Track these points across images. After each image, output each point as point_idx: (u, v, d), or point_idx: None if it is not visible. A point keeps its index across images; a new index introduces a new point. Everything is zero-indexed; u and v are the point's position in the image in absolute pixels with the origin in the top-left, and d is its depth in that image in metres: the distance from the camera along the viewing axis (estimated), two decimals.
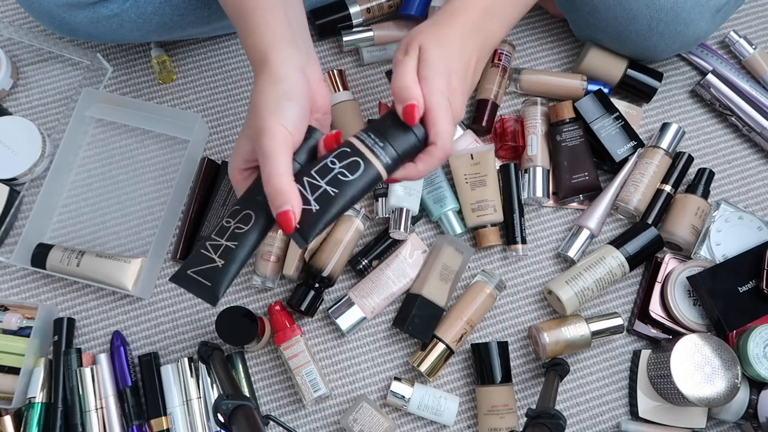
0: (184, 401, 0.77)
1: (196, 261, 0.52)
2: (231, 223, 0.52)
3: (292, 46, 0.56)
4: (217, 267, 0.51)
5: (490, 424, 0.76)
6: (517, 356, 0.82)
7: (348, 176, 0.52)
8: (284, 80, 0.54)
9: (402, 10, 0.88)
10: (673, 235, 0.82)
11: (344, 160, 0.52)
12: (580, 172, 0.83)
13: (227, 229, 0.52)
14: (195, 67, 0.91)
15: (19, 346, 0.77)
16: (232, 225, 0.52)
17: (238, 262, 0.51)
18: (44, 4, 0.74)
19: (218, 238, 0.52)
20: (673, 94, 0.91)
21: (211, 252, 0.51)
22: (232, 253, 0.51)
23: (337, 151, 0.53)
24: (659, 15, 0.77)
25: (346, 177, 0.52)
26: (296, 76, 0.55)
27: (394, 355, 0.82)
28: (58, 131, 0.87)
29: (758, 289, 0.77)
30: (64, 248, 0.81)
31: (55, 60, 0.91)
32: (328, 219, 0.52)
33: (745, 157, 0.89)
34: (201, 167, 0.85)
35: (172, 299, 0.83)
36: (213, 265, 0.51)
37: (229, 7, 0.61)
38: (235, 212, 0.53)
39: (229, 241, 0.51)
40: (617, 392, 0.81)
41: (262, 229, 0.52)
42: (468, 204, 0.83)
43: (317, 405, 0.80)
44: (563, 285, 0.78)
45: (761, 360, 0.74)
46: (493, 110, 0.86)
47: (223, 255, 0.51)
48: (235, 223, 0.52)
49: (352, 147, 0.53)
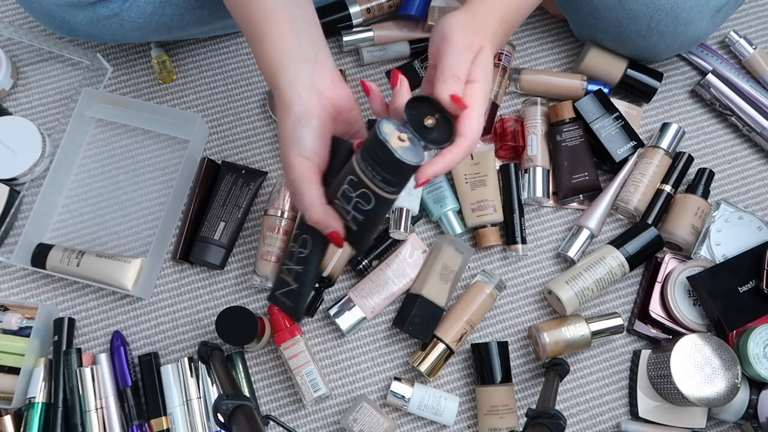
0: (184, 401, 0.77)
1: (279, 285, 0.60)
2: (295, 247, 0.58)
3: (299, 61, 0.56)
4: (293, 289, 0.58)
5: (490, 424, 0.76)
6: (517, 356, 0.82)
7: (366, 206, 0.53)
8: (295, 105, 0.55)
9: (402, 10, 0.88)
10: (673, 235, 0.82)
11: (357, 190, 0.53)
12: (580, 172, 0.83)
13: (293, 254, 0.58)
14: (195, 67, 0.91)
15: (19, 346, 0.77)
16: (296, 250, 0.58)
17: (308, 282, 0.58)
18: (44, 4, 0.74)
19: (289, 262, 0.59)
20: (673, 94, 0.91)
21: (287, 275, 0.59)
22: (301, 276, 0.58)
23: (348, 178, 0.53)
24: (659, 15, 0.77)
25: (364, 206, 0.53)
26: (306, 95, 0.55)
27: (394, 355, 0.82)
28: (58, 131, 0.87)
29: (758, 289, 0.77)
30: (64, 248, 0.81)
31: (55, 60, 0.91)
32: (370, 236, 0.56)
33: (745, 157, 0.89)
34: (201, 167, 0.85)
35: (172, 299, 0.83)
36: (290, 287, 0.58)
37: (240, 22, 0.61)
38: (296, 236, 0.58)
39: (297, 266, 0.58)
40: (617, 392, 0.81)
41: (320, 249, 0.57)
42: (468, 204, 0.83)
43: (317, 405, 0.80)
44: (563, 285, 0.78)
45: (761, 360, 0.74)
46: (493, 110, 0.86)
47: (295, 278, 0.58)
48: (298, 248, 0.58)
49: (358, 177, 0.52)
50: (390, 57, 0.90)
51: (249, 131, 0.89)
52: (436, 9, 0.87)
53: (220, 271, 0.84)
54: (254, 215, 0.85)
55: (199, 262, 0.82)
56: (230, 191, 0.83)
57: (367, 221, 0.54)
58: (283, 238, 0.80)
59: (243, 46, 0.92)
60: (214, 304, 0.83)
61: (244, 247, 0.84)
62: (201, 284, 0.84)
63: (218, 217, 0.82)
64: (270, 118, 0.89)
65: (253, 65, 0.91)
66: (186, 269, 0.84)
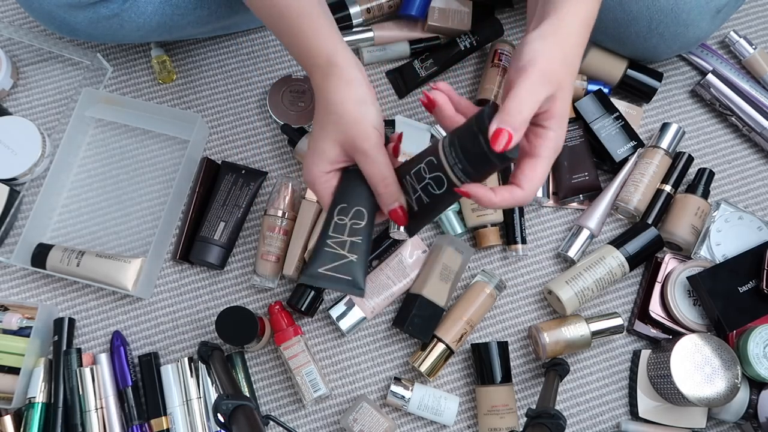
0: (184, 401, 0.77)
1: (325, 259, 0.54)
2: (345, 219, 0.55)
3: (348, 49, 0.58)
4: (352, 261, 0.54)
5: (490, 424, 0.76)
6: (517, 356, 0.82)
7: (435, 190, 0.53)
8: (355, 82, 0.56)
9: (402, 10, 0.88)
10: (673, 235, 0.82)
11: (432, 173, 0.53)
12: (580, 172, 0.83)
13: (344, 226, 0.54)
14: (195, 67, 0.91)
15: (19, 346, 0.77)
16: (348, 222, 0.54)
17: (366, 253, 0.55)
18: (44, 5, 0.74)
19: (338, 235, 0.54)
20: (673, 94, 0.91)
21: (337, 248, 0.54)
22: (359, 247, 0.54)
23: (427, 159, 0.53)
24: (659, 17, 0.77)
25: (434, 190, 0.53)
26: (362, 77, 0.57)
27: (394, 355, 0.82)
28: (58, 131, 0.87)
29: (758, 289, 0.77)
30: (64, 248, 0.81)
31: (55, 60, 0.91)
32: (427, 222, 0.56)
33: (745, 157, 0.89)
34: (201, 167, 0.85)
35: (172, 299, 0.83)
36: (347, 260, 0.54)
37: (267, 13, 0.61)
38: (344, 209, 0.55)
39: (352, 237, 0.54)
40: (617, 392, 0.81)
41: (373, 222, 0.56)
42: (468, 204, 0.83)
43: (317, 405, 0.80)
44: (563, 285, 0.78)
45: (761, 360, 0.74)
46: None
47: (351, 250, 0.54)
48: (350, 219, 0.55)
49: (438, 160, 0.52)
50: (390, 57, 0.90)
51: (249, 131, 0.89)
52: (436, 9, 0.87)
53: (220, 271, 0.84)
54: (254, 215, 0.85)
55: (199, 262, 0.82)
56: (230, 191, 0.83)
57: (431, 205, 0.54)
58: (283, 238, 0.80)
59: (243, 46, 0.92)
60: (214, 304, 0.83)
61: (244, 247, 0.84)
62: (201, 284, 0.84)
63: (218, 217, 0.82)
64: (270, 118, 0.89)
65: (253, 65, 0.91)
66: (186, 269, 0.84)
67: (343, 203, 0.55)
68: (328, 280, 0.53)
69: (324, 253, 0.54)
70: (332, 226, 0.55)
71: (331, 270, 0.54)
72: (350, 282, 0.54)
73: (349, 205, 0.55)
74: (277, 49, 0.92)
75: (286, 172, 0.87)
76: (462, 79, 0.91)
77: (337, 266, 0.54)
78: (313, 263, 0.54)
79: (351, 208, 0.55)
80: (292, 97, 0.88)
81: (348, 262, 0.54)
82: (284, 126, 0.85)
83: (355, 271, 0.54)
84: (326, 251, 0.54)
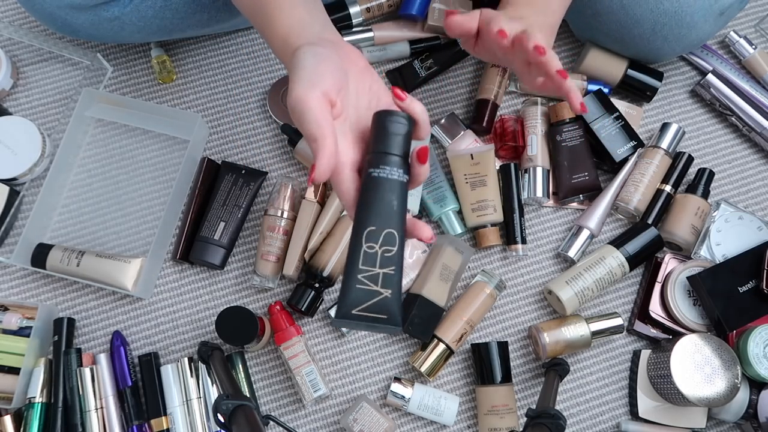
0: (184, 401, 0.77)
1: (358, 298, 0.48)
2: (375, 247, 0.49)
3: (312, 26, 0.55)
4: (387, 297, 0.49)
5: (490, 424, 0.76)
6: (517, 356, 0.82)
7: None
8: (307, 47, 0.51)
9: (402, 10, 0.88)
10: (673, 235, 0.82)
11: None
12: (580, 172, 0.83)
13: (374, 255, 0.49)
14: (195, 67, 0.91)
15: (19, 346, 0.77)
16: (378, 250, 0.49)
17: (400, 284, 0.49)
18: (46, 6, 0.74)
19: (369, 267, 0.49)
20: (673, 94, 0.91)
21: (370, 284, 0.49)
22: (393, 279, 0.49)
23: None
24: (663, 19, 0.76)
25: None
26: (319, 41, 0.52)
27: (394, 355, 0.82)
28: (58, 131, 0.87)
29: (758, 289, 0.77)
30: (64, 248, 0.81)
31: (55, 60, 0.91)
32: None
33: (745, 157, 0.89)
34: (201, 167, 0.85)
35: (172, 299, 0.83)
36: (381, 297, 0.49)
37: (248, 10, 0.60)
38: (372, 234, 0.49)
39: (384, 268, 0.49)
40: (617, 392, 0.81)
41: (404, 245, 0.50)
42: (468, 204, 0.83)
43: (317, 405, 0.80)
44: (563, 285, 0.78)
45: (761, 360, 0.74)
46: (493, 110, 0.86)
47: (385, 284, 0.49)
48: (381, 246, 0.49)
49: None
50: (390, 57, 0.90)
51: (249, 131, 0.89)
52: (436, 9, 0.87)
53: (220, 271, 0.84)
54: (254, 215, 0.85)
55: (199, 262, 0.82)
56: (230, 191, 0.83)
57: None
58: (283, 238, 0.80)
59: (243, 46, 0.92)
60: (214, 304, 0.83)
61: (244, 247, 0.84)
62: (201, 284, 0.84)
63: (218, 217, 0.82)
64: (270, 118, 0.89)
65: (253, 65, 0.91)
66: (186, 269, 0.84)
67: (370, 225, 0.49)
68: (363, 320, 0.48)
69: (356, 291, 0.48)
70: (362, 257, 0.49)
71: (366, 310, 0.49)
72: (386, 320, 0.49)
73: (377, 227, 0.49)
74: None
75: (286, 172, 0.87)
76: (462, 79, 0.91)
77: (372, 305, 0.49)
78: (345, 303, 0.48)
79: (381, 232, 0.49)
80: None
81: (383, 299, 0.49)
82: (284, 126, 0.85)
83: (391, 307, 0.48)
84: (358, 289, 0.48)
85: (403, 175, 0.49)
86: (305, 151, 0.84)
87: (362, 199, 0.50)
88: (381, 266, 0.49)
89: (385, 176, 0.49)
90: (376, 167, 0.49)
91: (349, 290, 0.48)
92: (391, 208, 0.49)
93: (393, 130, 0.49)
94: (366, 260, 0.49)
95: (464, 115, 0.90)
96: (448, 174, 0.86)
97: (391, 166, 0.49)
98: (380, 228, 0.49)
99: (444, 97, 0.90)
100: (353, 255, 0.49)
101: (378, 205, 0.49)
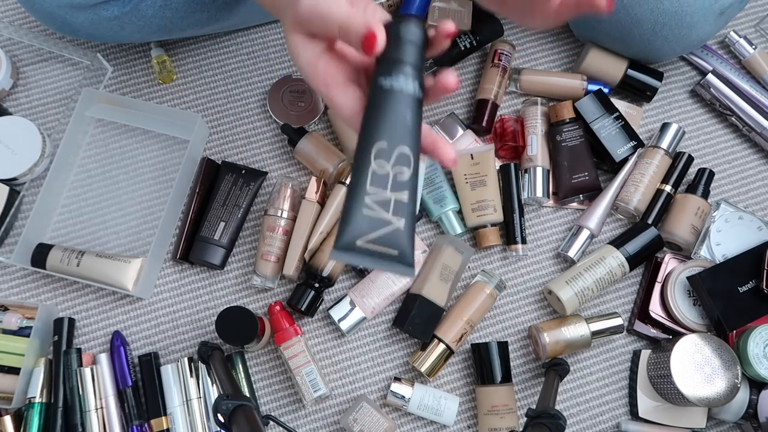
0: (184, 401, 0.77)
1: (363, 225, 0.39)
2: (386, 167, 0.40)
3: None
4: (399, 229, 0.40)
5: (490, 424, 0.76)
6: (517, 356, 0.82)
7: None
8: None
9: (402, 10, 0.88)
10: (673, 235, 0.82)
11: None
12: (580, 172, 0.83)
13: (385, 176, 0.40)
14: (195, 67, 0.91)
15: (19, 346, 0.77)
16: (390, 170, 0.40)
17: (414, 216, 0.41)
18: (46, 6, 0.74)
19: (380, 190, 0.40)
20: (673, 94, 0.91)
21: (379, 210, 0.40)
22: (406, 208, 0.40)
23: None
24: (663, 19, 0.76)
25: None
26: None
27: (394, 355, 0.82)
28: (58, 131, 0.87)
29: (758, 289, 0.77)
30: (64, 248, 0.81)
31: (55, 60, 0.91)
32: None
33: (745, 157, 0.89)
34: (201, 167, 0.85)
35: (172, 299, 0.83)
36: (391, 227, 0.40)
37: None
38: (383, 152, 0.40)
39: (396, 192, 0.40)
40: (617, 392, 0.81)
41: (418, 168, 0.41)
42: (468, 204, 0.83)
43: (317, 405, 0.80)
44: (563, 285, 0.78)
45: (761, 360, 0.74)
46: (493, 110, 0.86)
47: (397, 212, 0.40)
48: (393, 166, 0.40)
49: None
50: None
51: (249, 131, 0.89)
52: (436, 9, 0.87)
53: (220, 271, 0.84)
54: (254, 215, 0.85)
55: (199, 262, 0.82)
56: (230, 191, 0.83)
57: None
58: (283, 238, 0.80)
59: (243, 46, 0.92)
60: (214, 304, 0.83)
61: (244, 247, 0.84)
62: (201, 284, 0.84)
63: (218, 217, 0.82)
64: (270, 118, 0.89)
65: (253, 65, 0.91)
66: (186, 269, 0.84)
67: (380, 141, 0.40)
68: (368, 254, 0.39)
69: (361, 217, 0.39)
70: (370, 176, 0.40)
71: (373, 242, 0.39)
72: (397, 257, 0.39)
73: (390, 143, 0.40)
74: (277, 49, 0.92)
75: (286, 172, 0.87)
76: (462, 79, 0.91)
77: (380, 237, 0.39)
78: (346, 230, 0.39)
79: (393, 149, 0.40)
80: (292, 97, 0.88)
81: (394, 230, 0.39)
82: (284, 126, 0.85)
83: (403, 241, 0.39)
84: (364, 215, 0.39)
85: (419, 90, 0.42)
86: (305, 151, 0.84)
87: (370, 111, 0.42)
88: (393, 190, 0.40)
89: (399, 88, 0.41)
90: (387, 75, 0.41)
91: (353, 216, 0.39)
92: (405, 123, 0.41)
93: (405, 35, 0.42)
94: (374, 181, 0.40)
95: (464, 115, 0.90)
96: (448, 174, 0.86)
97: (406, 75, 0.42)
98: (392, 145, 0.41)
99: (444, 96, 0.90)
100: (359, 174, 0.40)
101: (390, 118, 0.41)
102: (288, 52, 0.47)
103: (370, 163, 0.40)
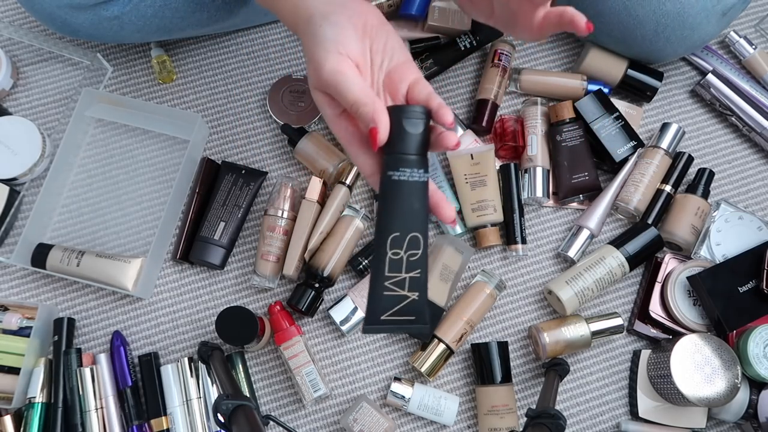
0: (184, 401, 0.77)
1: (386, 304, 0.49)
2: (400, 253, 0.49)
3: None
4: (414, 300, 0.49)
5: (490, 424, 0.76)
6: (517, 356, 0.82)
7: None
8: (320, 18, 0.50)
9: (402, 10, 0.88)
10: (673, 235, 0.82)
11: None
12: (580, 172, 0.83)
13: (400, 261, 0.49)
14: (195, 67, 0.91)
15: (19, 346, 0.77)
16: (404, 255, 0.49)
17: (426, 284, 0.50)
18: (46, 6, 0.74)
19: (396, 273, 0.49)
20: (673, 94, 0.91)
21: (397, 290, 0.49)
22: (419, 282, 0.49)
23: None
24: (665, 20, 0.76)
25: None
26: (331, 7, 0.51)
27: (394, 355, 0.82)
28: (58, 131, 0.87)
29: (758, 289, 0.77)
30: (64, 248, 0.81)
31: (55, 60, 0.91)
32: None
33: (745, 157, 0.89)
34: (201, 167, 0.85)
35: (172, 299, 0.83)
36: (408, 300, 0.49)
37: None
38: (397, 240, 0.49)
39: (410, 272, 0.49)
40: (617, 392, 0.81)
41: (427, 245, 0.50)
42: (468, 204, 0.83)
43: (317, 405, 0.80)
44: (563, 285, 0.78)
45: (761, 360, 0.74)
46: (493, 110, 0.86)
47: (412, 287, 0.49)
48: (406, 251, 0.49)
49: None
50: None
51: (249, 131, 0.89)
52: (436, 9, 0.87)
53: (220, 271, 0.84)
54: (254, 215, 0.85)
55: (199, 262, 0.82)
56: (230, 191, 0.83)
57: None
58: (283, 238, 0.80)
59: (243, 46, 0.92)
60: (214, 304, 0.83)
61: (244, 247, 0.84)
62: (201, 284, 0.84)
63: (218, 217, 0.82)
64: (270, 118, 0.89)
65: (253, 65, 0.91)
66: (186, 269, 0.84)
67: (394, 231, 0.49)
68: (392, 324, 0.49)
69: (383, 298, 0.49)
70: (387, 263, 0.49)
71: (394, 314, 0.49)
72: (415, 321, 0.49)
73: (402, 232, 0.49)
74: (277, 49, 0.92)
75: (286, 172, 0.87)
76: (462, 79, 0.91)
77: (400, 309, 0.49)
78: (373, 311, 0.49)
79: (405, 236, 0.49)
80: (292, 97, 0.88)
81: (410, 302, 0.49)
82: (284, 126, 0.85)
83: (419, 308, 0.49)
84: (386, 296, 0.49)
85: (423, 174, 0.49)
86: (305, 150, 0.84)
87: (383, 203, 0.49)
88: (407, 270, 0.49)
89: (405, 179, 0.48)
90: (395, 170, 0.49)
91: (377, 298, 0.49)
92: (413, 210, 0.49)
93: (409, 129, 0.49)
94: (392, 267, 0.49)
95: (464, 115, 0.90)
96: (448, 174, 0.86)
97: (411, 167, 0.48)
98: (404, 233, 0.49)
99: (444, 97, 0.90)
100: (379, 262, 0.49)
101: (400, 209, 0.49)
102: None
103: (386, 253, 0.49)
